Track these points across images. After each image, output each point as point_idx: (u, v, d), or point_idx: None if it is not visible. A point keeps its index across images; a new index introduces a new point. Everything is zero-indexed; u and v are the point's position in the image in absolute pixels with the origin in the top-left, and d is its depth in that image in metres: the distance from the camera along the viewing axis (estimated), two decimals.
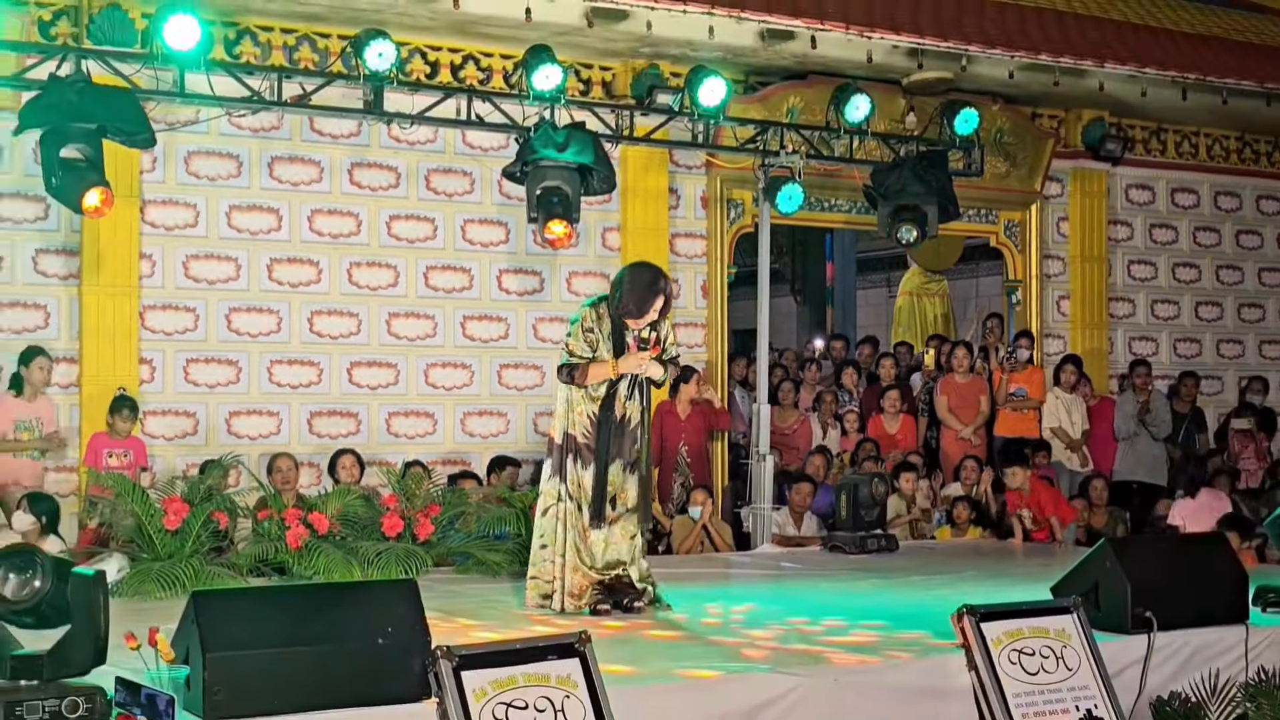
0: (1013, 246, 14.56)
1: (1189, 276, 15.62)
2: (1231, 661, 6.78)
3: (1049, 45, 13.76)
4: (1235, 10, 17.13)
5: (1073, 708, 6.02)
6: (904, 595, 8.22)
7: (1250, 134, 15.84)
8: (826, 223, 14.33)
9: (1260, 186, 16.04)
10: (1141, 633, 6.49)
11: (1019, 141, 14.18)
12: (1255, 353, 15.97)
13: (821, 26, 12.30)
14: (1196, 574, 7.03)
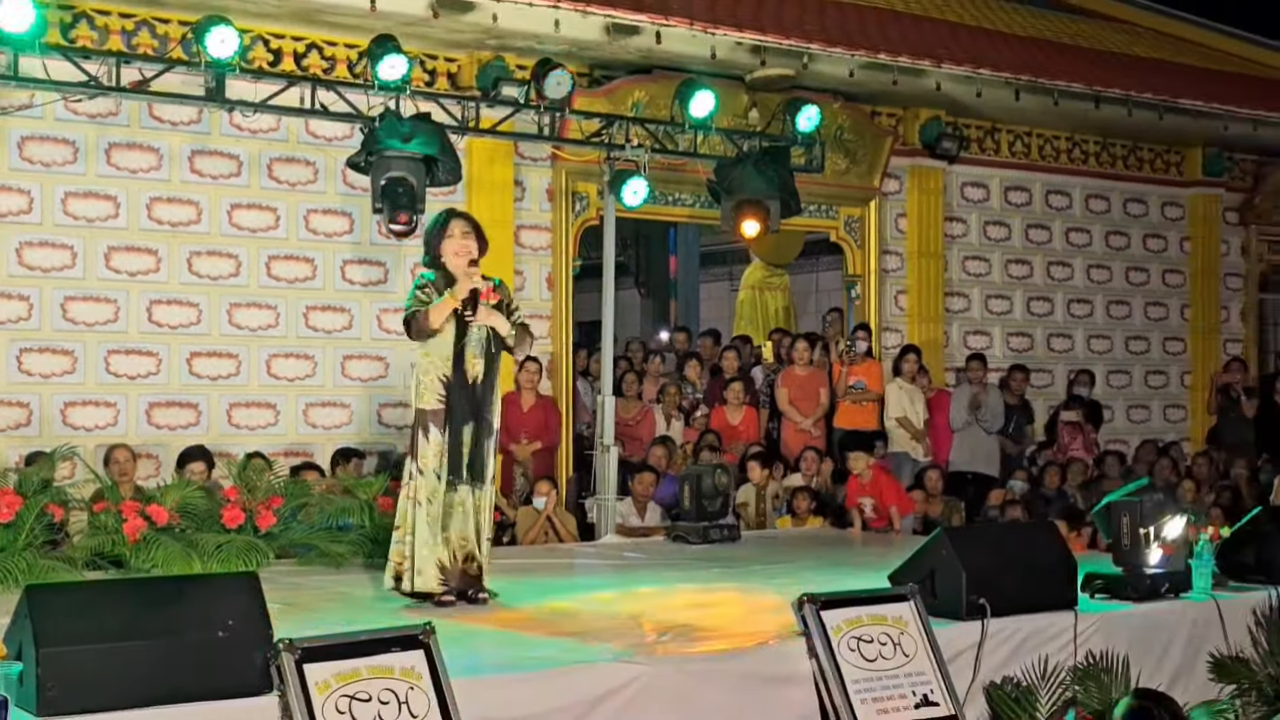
0: (852, 242, 14.80)
1: (1021, 272, 16.01)
2: (1061, 646, 6.99)
3: (888, 45, 14.02)
4: (1065, 14, 17.63)
5: (909, 693, 6.16)
6: (746, 584, 8.33)
7: (1080, 135, 16.27)
8: (670, 216, 14.42)
9: (1089, 186, 16.48)
10: (976, 619, 6.66)
11: (859, 139, 14.41)
12: (1084, 347, 16.42)
13: (666, 22, 12.40)
14: (1028, 562, 7.22)
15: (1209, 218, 17.11)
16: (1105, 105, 15.20)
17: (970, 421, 13.81)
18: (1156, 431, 16.54)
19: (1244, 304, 17.59)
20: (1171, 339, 17.11)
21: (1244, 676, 7.65)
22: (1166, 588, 7.74)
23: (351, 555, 8.82)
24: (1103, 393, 16.04)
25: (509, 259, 12.59)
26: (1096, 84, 15.16)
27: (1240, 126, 16.24)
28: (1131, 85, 15.47)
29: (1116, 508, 7.96)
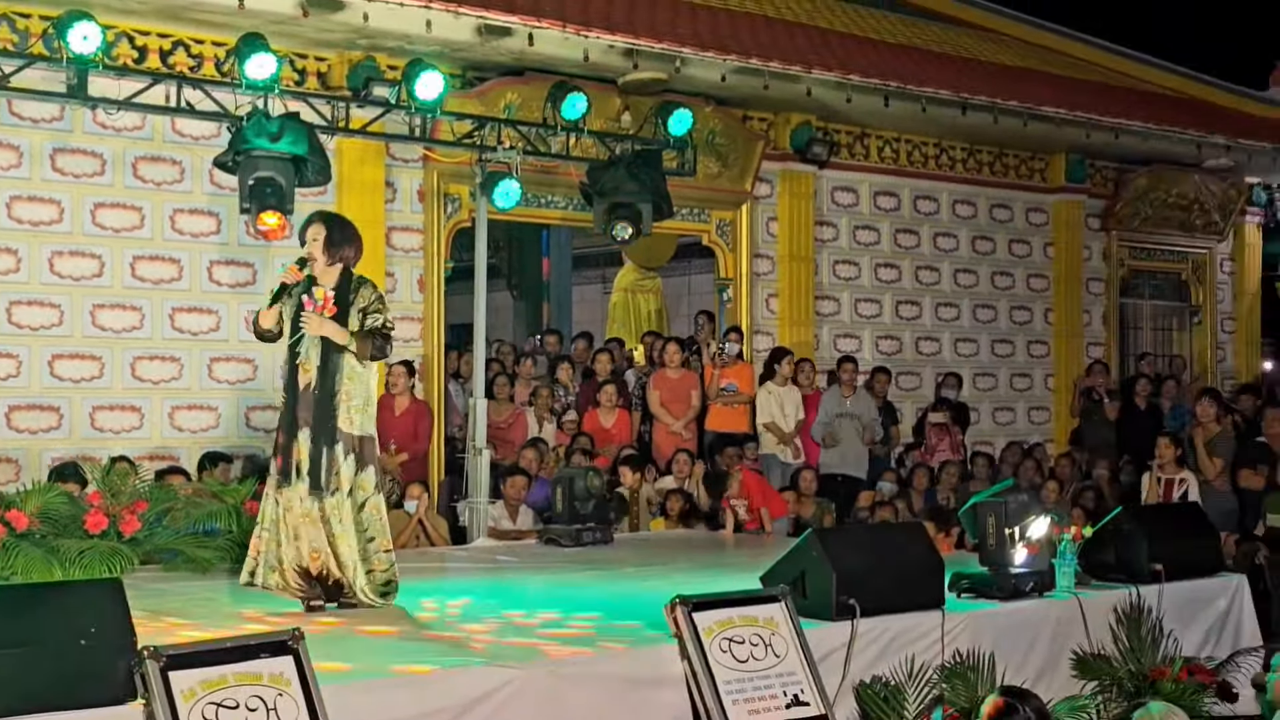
0: (724, 245, 14.87)
1: (890, 276, 16.20)
2: (929, 645, 7.08)
3: (759, 50, 14.11)
4: (934, 22, 17.88)
5: (780, 694, 6.20)
6: (619, 587, 8.33)
7: (947, 141, 16.51)
8: (543, 219, 14.38)
9: (956, 191, 16.73)
10: (845, 619, 6.73)
11: (730, 143, 14.49)
12: (951, 350, 16.66)
13: (539, 24, 12.38)
14: (897, 562, 7.31)
15: (1072, 223, 17.45)
16: (972, 112, 15.44)
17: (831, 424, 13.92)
18: (1021, 433, 16.83)
19: (1106, 308, 17.96)
20: (1036, 342, 17.43)
21: (1105, 673, 7.80)
22: (1031, 587, 7.87)
23: (218, 560, 8.67)
24: (969, 395, 16.28)
25: (380, 260, 12.48)
26: (963, 91, 15.39)
27: (1102, 134, 16.57)
28: (997, 93, 15.73)
29: (982, 508, 8.08)
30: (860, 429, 13.97)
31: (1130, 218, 17.91)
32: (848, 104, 14.73)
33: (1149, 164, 17.69)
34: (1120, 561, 8.56)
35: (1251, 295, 19.75)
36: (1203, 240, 18.86)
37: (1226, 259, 19.33)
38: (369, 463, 7.35)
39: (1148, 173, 17.72)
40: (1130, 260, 18.31)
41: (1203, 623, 8.71)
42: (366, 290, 7.39)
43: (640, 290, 17.12)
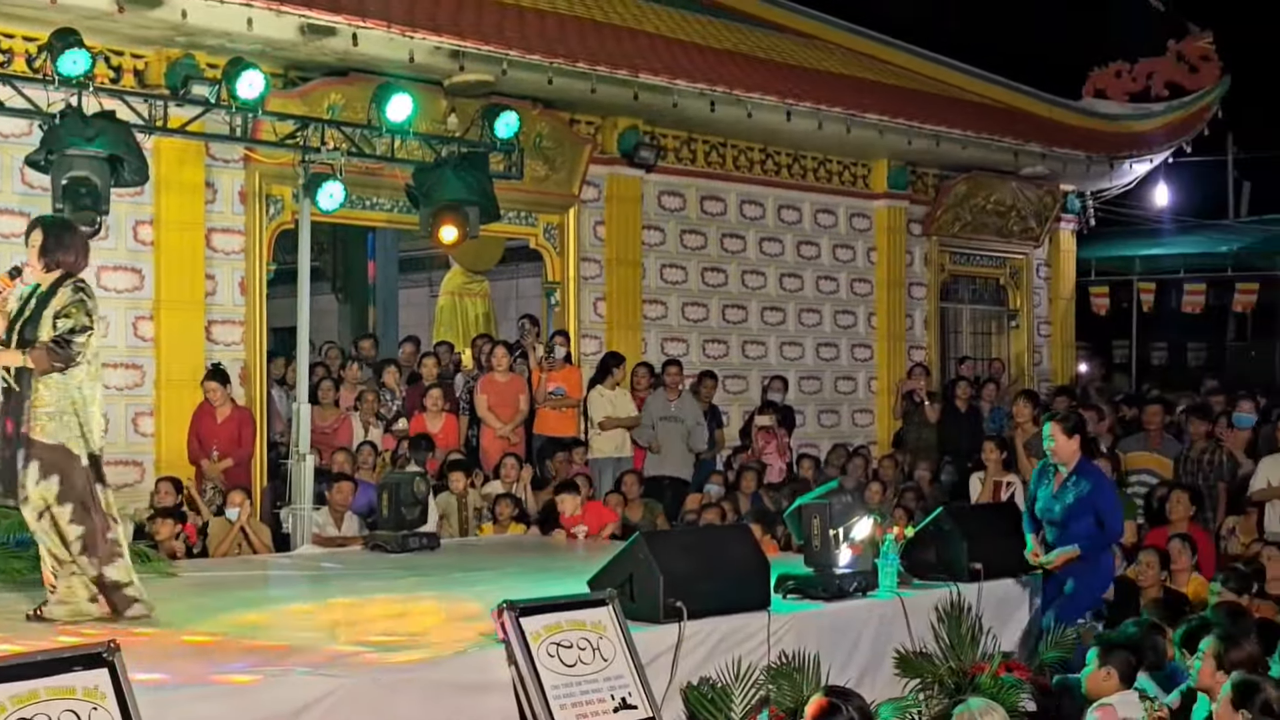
0: (551, 249, 14.85)
1: (716, 280, 16.31)
2: (755, 646, 7.14)
3: (587, 54, 14.12)
4: (760, 29, 18.05)
5: (608, 697, 6.20)
6: (446, 593, 8.27)
7: (773, 146, 16.66)
8: (368, 221, 14.21)
9: (781, 197, 16.90)
10: (673, 622, 6.76)
11: (558, 146, 14.47)
12: (777, 353, 16.83)
13: (363, 24, 12.24)
14: (723, 564, 7.36)
15: (894, 229, 17.75)
16: (796, 118, 15.62)
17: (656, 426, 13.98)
18: (846, 435, 17.06)
19: (927, 312, 18.30)
20: (859, 346, 17.69)
21: (927, 670, 7.94)
22: (855, 587, 7.99)
23: (30, 571, 8.40)
24: (795, 398, 16.46)
25: (200, 263, 12.24)
26: (788, 97, 15.57)
27: (923, 141, 16.89)
28: (821, 99, 15.94)
29: (807, 510, 8.17)
30: (685, 432, 14.05)
31: (950, 223, 18.27)
32: (674, 108, 14.81)
33: (968, 171, 18.07)
34: (941, 561, 8.73)
35: (1066, 300, 20.29)
36: (1020, 246, 19.32)
37: (1043, 264, 19.83)
38: (53, 473, 7.00)
39: (967, 179, 18.10)
40: (950, 265, 18.69)
41: (1020, 620, 8.92)
42: (65, 293, 7.02)
43: (468, 294, 17.01)
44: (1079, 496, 8.59)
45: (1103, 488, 8.76)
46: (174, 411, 12.13)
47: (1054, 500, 8.69)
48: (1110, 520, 8.63)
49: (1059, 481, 8.72)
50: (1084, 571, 8.63)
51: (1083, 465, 8.74)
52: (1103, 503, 8.61)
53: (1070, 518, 8.59)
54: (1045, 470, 8.88)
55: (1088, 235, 20.99)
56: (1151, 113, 20.08)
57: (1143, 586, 9.34)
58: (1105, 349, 26.25)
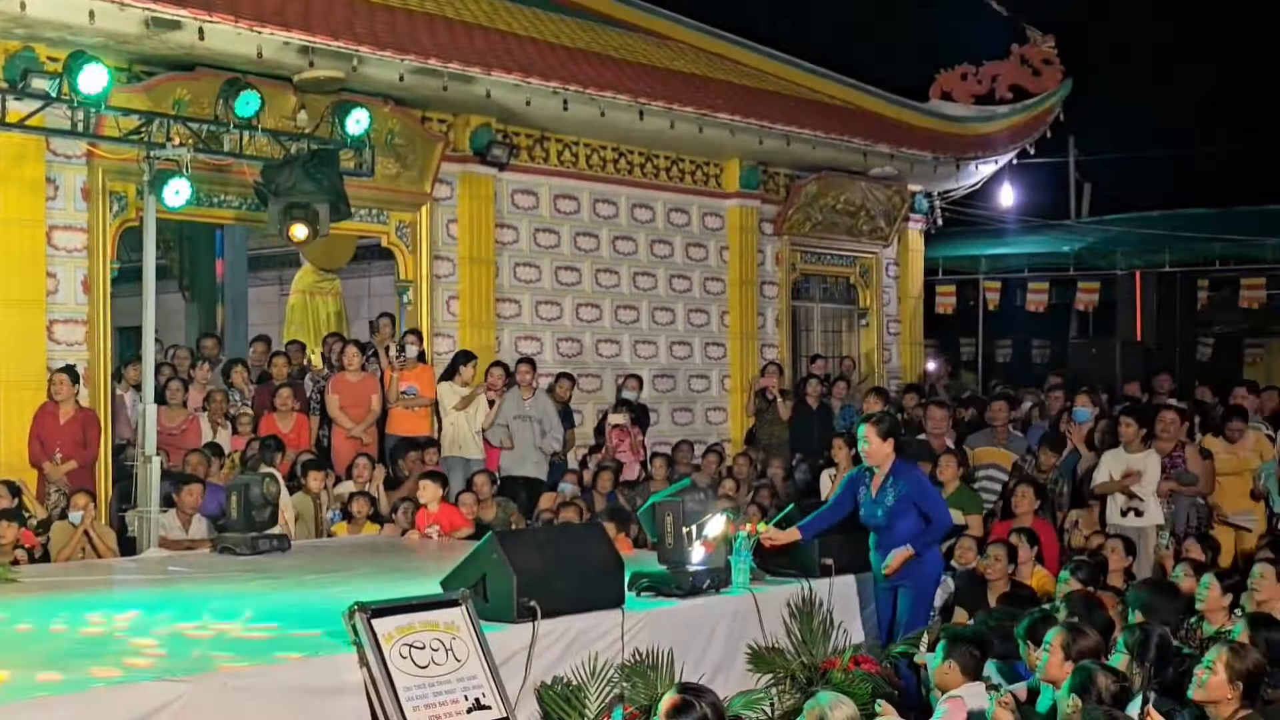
0: (404, 247, 14.73)
1: (570, 279, 16.31)
2: (610, 644, 7.16)
3: (438, 51, 14.03)
4: (612, 28, 18.09)
5: (462, 698, 6.18)
6: (297, 595, 8.17)
7: (625, 145, 16.70)
8: (216, 218, 13.98)
9: (634, 195, 16.95)
10: (527, 621, 6.75)
11: (409, 144, 14.35)
12: (631, 352, 16.87)
13: (210, 18, 12.03)
14: (577, 563, 7.36)
15: (746, 228, 17.89)
16: (649, 117, 15.68)
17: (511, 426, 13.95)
18: (699, 433, 17.17)
19: (779, 311, 18.47)
20: (713, 344, 17.80)
21: (779, 666, 8.03)
22: (708, 584, 8.04)
23: None
24: (649, 396, 16.51)
25: (40, 261, 11.96)
26: (641, 96, 15.62)
27: (774, 141, 17.05)
28: (674, 99, 16.03)
29: (660, 508, 8.21)
30: (539, 432, 14.03)
31: (801, 223, 18.46)
32: (527, 107, 14.78)
33: (819, 171, 18.27)
34: (792, 557, 8.81)
35: (915, 298, 20.62)
36: (869, 245, 19.59)
37: (892, 263, 20.13)
38: None
39: (817, 179, 18.30)
40: (801, 264, 18.88)
41: (870, 614, 9.04)
42: None
43: (319, 292, 16.83)
44: (899, 497, 8.54)
45: (921, 484, 8.75)
46: (13, 413, 11.82)
47: (875, 504, 8.63)
48: (936, 513, 8.62)
49: (876, 485, 8.67)
50: (915, 574, 8.62)
51: (898, 466, 8.68)
52: (924, 498, 8.61)
53: (894, 519, 8.55)
54: (860, 476, 8.82)
55: (935, 235, 21.37)
56: (996, 115, 20.48)
57: (990, 580, 9.51)
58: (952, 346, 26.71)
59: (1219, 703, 5.95)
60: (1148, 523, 11.18)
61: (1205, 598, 8.12)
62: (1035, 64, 20.63)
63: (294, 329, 16.54)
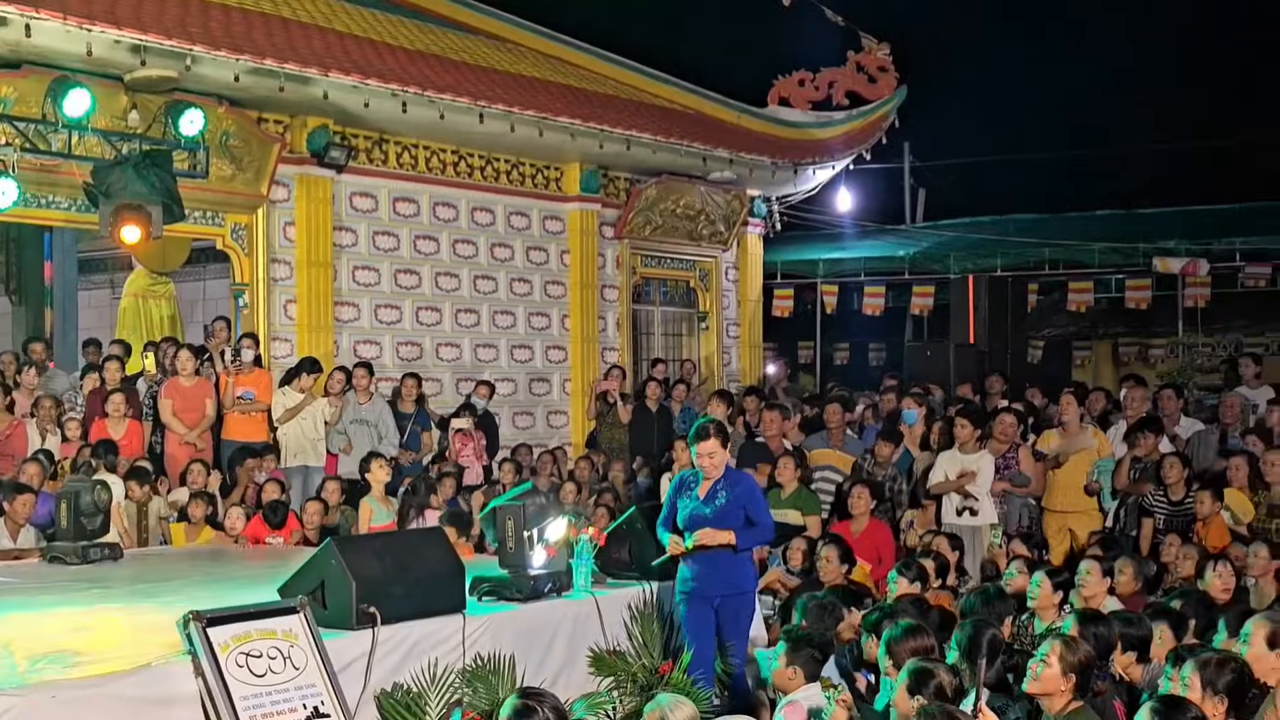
0: (239, 250, 14.51)
1: (410, 283, 16.19)
2: (451, 650, 7.13)
3: (274, 51, 13.85)
4: (452, 30, 18.03)
5: (300, 706, 6.11)
6: (130, 605, 8.00)
7: (465, 149, 16.64)
8: (44, 220, 13.61)
9: (474, 199, 16.88)
10: (366, 628, 6.69)
11: (245, 145, 14.14)
12: (472, 355, 16.81)
13: (36, 14, 11.72)
14: (418, 568, 7.31)
15: (587, 231, 17.92)
16: (489, 120, 15.63)
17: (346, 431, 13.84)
18: (541, 437, 17.16)
19: (620, 314, 18.54)
20: (554, 348, 17.81)
21: (620, 669, 8.07)
22: (550, 587, 8.05)
23: None
24: (491, 401, 16.45)
25: None
26: (481, 99, 15.56)
27: (614, 145, 17.11)
28: (514, 102, 15.99)
29: (501, 512, 8.20)
30: (376, 436, 13.90)
31: (641, 227, 18.54)
32: (365, 108, 14.65)
33: (659, 175, 18.37)
34: (634, 560, 8.85)
35: (754, 302, 20.83)
36: (709, 249, 19.74)
37: (731, 267, 20.31)
38: None
39: (657, 183, 18.40)
40: (642, 268, 18.97)
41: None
42: None
43: (152, 295, 16.52)
44: (731, 499, 8.27)
45: (753, 489, 8.51)
46: None
47: (703, 505, 8.28)
48: (764, 519, 8.37)
49: (705, 489, 8.35)
50: (736, 588, 8.35)
51: (729, 472, 8.47)
52: (753, 503, 8.36)
53: (721, 518, 8.21)
54: (685, 482, 8.50)
55: (774, 239, 21.60)
56: (833, 121, 20.77)
57: (825, 580, 9.65)
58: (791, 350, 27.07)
59: (1052, 695, 6.10)
60: (982, 522, 11.43)
61: (1036, 595, 8.33)
62: (871, 71, 20.97)
63: (126, 333, 16.21)
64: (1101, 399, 14.24)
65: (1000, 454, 11.81)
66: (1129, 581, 9.19)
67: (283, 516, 11.69)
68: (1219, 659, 5.94)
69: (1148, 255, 21.42)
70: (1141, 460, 11.65)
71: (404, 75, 15.14)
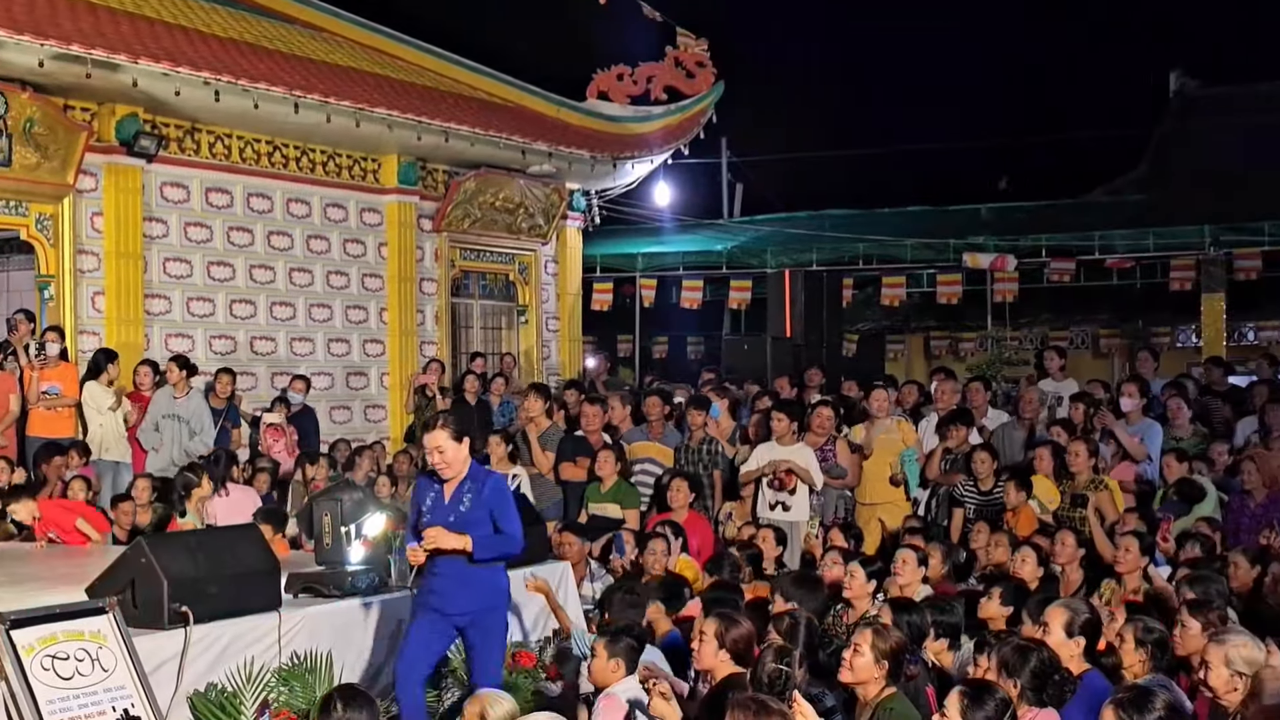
0: (45, 240, 14.10)
1: (223, 275, 15.89)
2: (266, 648, 7.03)
3: (81, 36, 13.49)
4: (265, 18, 17.72)
5: (109, 709, 5.98)
6: None
7: (280, 139, 16.37)
8: None
9: (289, 190, 16.63)
10: (179, 627, 6.56)
11: (50, 133, 13.73)
12: (287, 349, 16.56)
13: None
14: (232, 566, 7.18)
15: (405, 224, 17.76)
16: (304, 110, 15.42)
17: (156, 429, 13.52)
18: (359, 431, 16.97)
19: (439, 307, 18.41)
20: (371, 341, 17.62)
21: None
22: (368, 583, 7.95)
23: None
24: (308, 395, 16.21)
25: None
26: (296, 89, 15.33)
27: (432, 137, 16.99)
28: (330, 92, 15.79)
29: (318, 507, 8.10)
30: (188, 432, 13.59)
31: (460, 220, 18.44)
32: (177, 97, 14.35)
33: (478, 168, 18.29)
34: None
35: (573, 295, 20.85)
36: (528, 243, 19.71)
37: (550, 261, 20.30)
38: None
39: (476, 176, 18.31)
40: (461, 261, 18.87)
41: (532, 608, 9.11)
42: None
43: None
44: (475, 503, 7.44)
45: (502, 492, 7.60)
46: None
47: (446, 509, 7.41)
48: (511, 528, 7.45)
49: (449, 491, 7.47)
50: (490, 609, 7.50)
51: (475, 470, 7.58)
52: (501, 508, 7.47)
53: (464, 525, 7.33)
54: (428, 483, 7.59)
55: (593, 233, 21.65)
56: (651, 115, 20.88)
57: (650, 571, 9.69)
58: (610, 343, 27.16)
59: (866, 683, 6.22)
60: (797, 516, 11.57)
61: (851, 585, 8.46)
62: (689, 66, 21.12)
63: None
64: (913, 391, 14.52)
65: (818, 446, 11.97)
66: (938, 568, 9.41)
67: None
68: (1019, 645, 6.11)
69: (958, 251, 21.93)
70: (952, 451, 11.92)
71: (216, 63, 14.85)
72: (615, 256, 24.29)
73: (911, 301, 26.10)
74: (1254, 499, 10.81)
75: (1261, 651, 5.97)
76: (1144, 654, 6.69)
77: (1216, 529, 10.35)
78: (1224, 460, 12.08)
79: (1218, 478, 11.75)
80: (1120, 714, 5.36)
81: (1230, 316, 23.09)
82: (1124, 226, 22.32)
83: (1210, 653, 5.98)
